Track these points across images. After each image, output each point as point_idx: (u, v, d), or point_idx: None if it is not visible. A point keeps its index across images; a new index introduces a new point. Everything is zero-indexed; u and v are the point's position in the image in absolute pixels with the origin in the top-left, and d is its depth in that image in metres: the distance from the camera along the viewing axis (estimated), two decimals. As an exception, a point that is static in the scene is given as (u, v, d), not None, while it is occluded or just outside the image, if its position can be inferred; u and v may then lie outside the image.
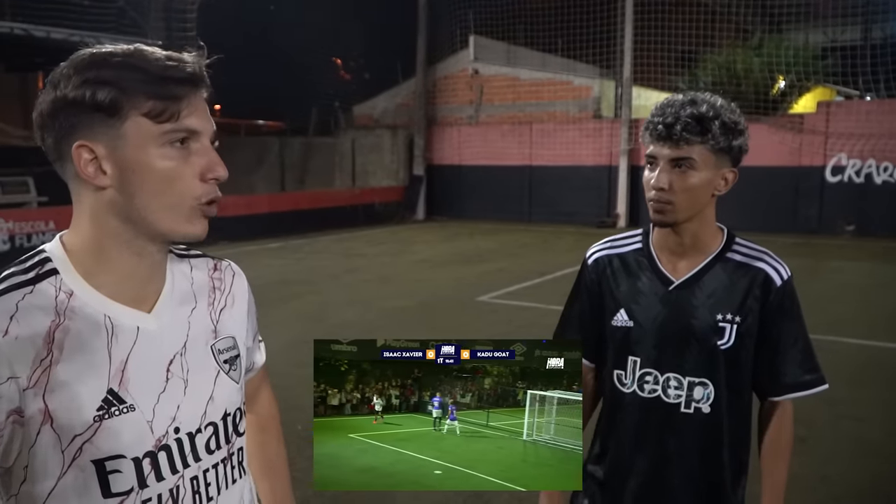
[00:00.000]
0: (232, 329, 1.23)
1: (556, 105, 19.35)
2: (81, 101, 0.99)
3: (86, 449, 1.00)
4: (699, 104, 1.62)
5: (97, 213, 1.04)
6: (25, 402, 0.97)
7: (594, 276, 1.83)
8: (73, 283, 1.04)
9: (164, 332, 1.10)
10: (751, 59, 17.22)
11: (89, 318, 1.03)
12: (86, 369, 1.01)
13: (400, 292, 9.72)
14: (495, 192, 19.44)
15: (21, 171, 15.25)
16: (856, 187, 15.51)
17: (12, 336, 0.96)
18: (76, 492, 1.00)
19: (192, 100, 1.03)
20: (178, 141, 1.02)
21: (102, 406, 1.01)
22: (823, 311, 8.47)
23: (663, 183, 1.62)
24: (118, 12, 15.52)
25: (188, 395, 1.10)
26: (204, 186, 1.05)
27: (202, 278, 1.22)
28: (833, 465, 4.36)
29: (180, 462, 1.08)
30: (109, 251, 1.06)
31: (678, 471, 1.73)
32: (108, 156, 1.01)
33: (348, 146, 20.98)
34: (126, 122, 1.00)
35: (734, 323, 1.68)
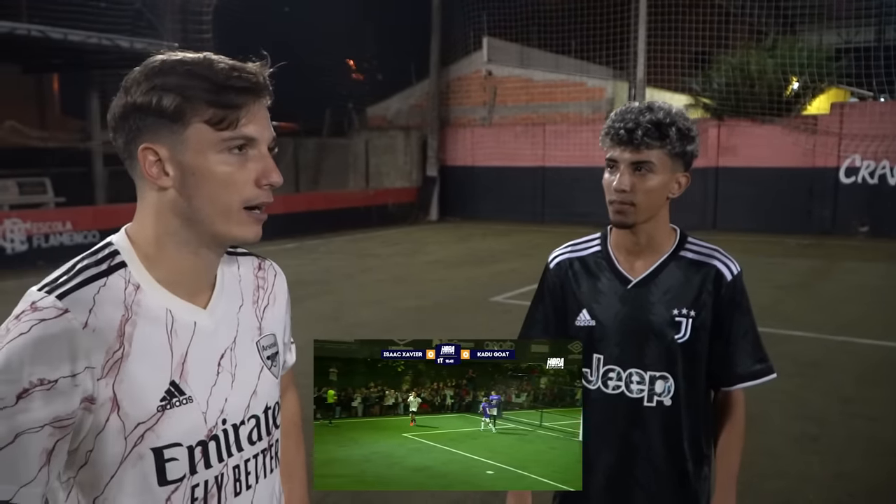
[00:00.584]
0: (273, 327, 1.29)
1: (569, 106, 19.37)
2: (148, 107, 1.05)
3: (147, 436, 1.06)
4: (656, 111, 1.70)
5: (159, 212, 1.10)
6: (98, 391, 1.02)
7: (556, 280, 1.93)
8: (139, 276, 1.10)
9: (217, 327, 1.17)
10: (765, 60, 17.16)
11: (153, 311, 1.09)
12: (151, 362, 1.07)
13: (414, 292, 9.80)
14: (508, 193, 19.48)
15: (38, 172, 15.43)
16: (870, 188, 15.46)
17: (91, 329, 1.02)
18: (134, 479, 1.06)
19: (251, 108, 1.08)
20: (236, 147, 1.07)
21: (165, 397, 1.07)
22: (837, 311, 8.48)
23: (625, 185, 1.71)
24: (135, 14, 15.69)
25: (235, 388, 1.16)
26: (257, 191, 1.10)
27: (248, 277, 1.28)
28: (847, 462, 4.40)
29: (226, 451, 1.14)
30: (169, 247, 1.11)
31: (643, 462, 1.81)
32: (171, 158, 1.07)
33: (362, 147, 21.08)
34: (188, 128, 1.05)
35: (689, 317, 1.77)
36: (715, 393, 1.89)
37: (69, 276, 1.06)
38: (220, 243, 1.14)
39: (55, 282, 1.05)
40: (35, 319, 1.00)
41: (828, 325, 7.62)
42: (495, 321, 8.14)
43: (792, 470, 4.28)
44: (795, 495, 3.99)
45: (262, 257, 1.36)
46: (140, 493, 1.07)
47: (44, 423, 0.98)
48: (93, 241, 13.02)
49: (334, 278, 10.94)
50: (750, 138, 16.43)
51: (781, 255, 12.67)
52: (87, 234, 12.96)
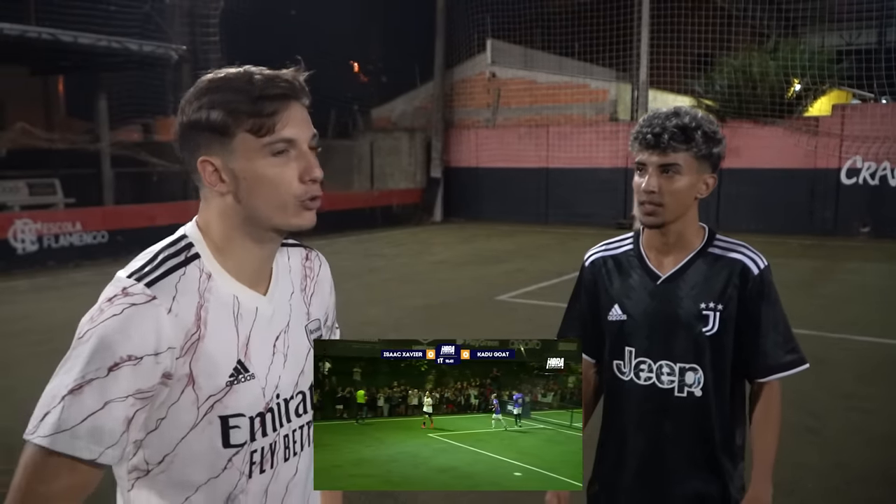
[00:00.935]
0: (318, 313, 1.43)
1: (572, 108, 19.47)
2: (199, 123, 1.19)
3: (216, 407, 1.21)
4: (682, 116, 1.80)
5: (224, 213, 1.25)
6: (175, 368, 1.17)
7: (591, 277, 2.04)
8: (211, 266, 1.24)
9: (273, 313, 1.31)
10: (767, 62, 17.25)
11: (222, 297, 1.23)
12: (222, 343, 1.22)
13: (420, 292, 9.92)
14: (512, 195, 19.58)
15: (48, 173, 15.58)
16: (871, 189, 15.54)
17: (174, 314, 1.16)
18: (202, 441, 1.21)
19: (286, 112, 1.20)
20: (278, 151, 1.20)
21: (233, 374, 1.22)
22: (839, 311, 8.60)
23: (653, 186, 1.80)
24: (143, 17, 15.83)
25: (286, 367, 1.31)
26: (303, 186, 1.23)
27: (297, 266, 1.42)
28: (845, 453, 4.53)
29: (279, 422, 1.29)
30: (235, 241, 1.26)
31: (675, 450, 1.89)
32: (224, 167, 1.20)
33: (367, 149, 21.20)
34: (234, 139, 1.19)
35: (716, 310, 1.85)
36: (751, 385, 1.96)
37: (154, 266, 1.20)
38: (279, 233, 1.27)
39: (142, 270, 1.20)
40: (127, 303, 1.14)
41: (829, 323, 7.75)
42: (501, 320, 8.27)
43: (792, 460, 4.41)
44: (795, 484, 4.12)
45: (310, 248, 1.49)
46: (207, 453, 1.22)
47: (128, 395, 1.12)
48: (102, 241, 13.22)
49: (341, 278, 10.89)
50: (752, 140, 16.51)
51: (783, 256, 12.76)
52: (97, 235, 13.09)
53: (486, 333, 7.78)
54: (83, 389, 1.10)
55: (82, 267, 12.22)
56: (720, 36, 17.72)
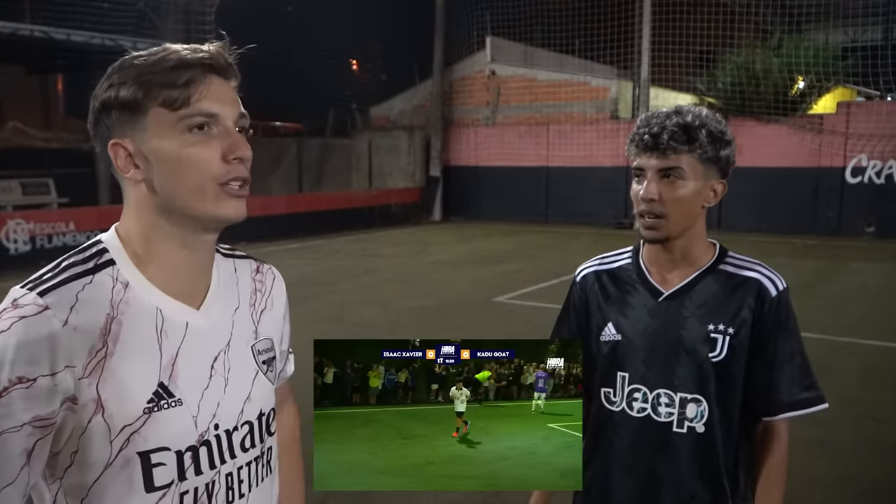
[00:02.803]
0: (270, 331, 1.25)
1: (573, 106, 19.33)
2: (109, 103, 1.05)
3: (133, 440, 1.02)
4: (684, 114, 1.58)
5: (139, 207, 1.08)
6: (80, 391, 0.99)
7: (581, 293, 1.80)
8: (129, 273, 1.07)
9: (211, 329, 1.13)
10: (770, 59, 17.09)
11: (142, 310, 1.06)
12: (138, 362, 1.04)
13: (418, 292, 9.76)
14: (512, 194, 19.45)
15: (42, 173, 15.45)
16: (876, 188, 15.38)
17: (71, 326, 0.99)
18: (120, 483, 1.03)
19: (205, 84, 1.05)
20: (196, 126, 1.04)
21: (153, 399, 1.04)
22: (843, 312, 8.42)
23: (652, 193, 1.57)
24: (138, 15, 15.68)
25: (228, 392, 1.13)
26: (226, 167, 1.06)
27: (245, 279, 1.24)
28: (854, 464, 4.35)
29: (218, 458, 1.11)
30: (156, 243, 1.09)
31: (671, 495, 1.63)
32: (137, 150, 1.05)
33: (365, 147, 21.06)
34: (147, 115, 1.04)
35: (727, 334, 1.60)
36: (755, 424, 1.69)
37: (53, 274, 1.04)
38: (203, 228, 1.10)
39: (39, 279, 1.03)
40: (15, 317, 0.98)
41: (834, 325, 7.56)
42: (499, 321, 8.10)
43: (798, 472, 4.22)
44: (802, 498, 3.93)
45: (261, 260, 1.32)
46: (126, 499, 1.04)
47: (23, 423, 0.96)
48: (96, 241, 13.05)
49: (338, 278, 10.90)
50: (755, 138, 16.36)
51: (787, 256, 12.59)
52: (90, 235, 12.90)
53: (484, 335, 7.60)
54: None
55: (75, 267, 12.06)
56: (723, 32, 17.55)
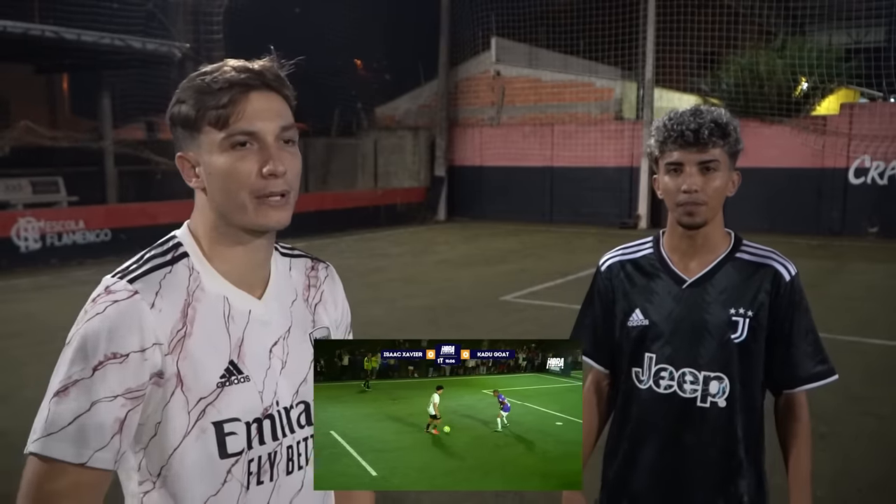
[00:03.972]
0: (325, 321, 1.38)
1: (577, 106, 19.39)
2: (174, 119, 1.19)
3: (208, 411, 1.16)
4: (712, 112, 1.76)
5: (202, 210, 1.23)
6: (165, 367, 1.13)
7: (607, 283, 1.92)
8: (200, 265, 1.22)
9: (270, 317, 1.27)
10: (774, 60, 17.12)
11: (212, 298, 1.20)
12: (211, 342, 1.18)
13: (424, 291, 9.86)
14: (517, 194, 19.51)
15: (51, 172, 15.57)
16: (879, 189, 15.42)
17: (157, 309, 1.13)
18: (198, 451, 1.16)
19: (244, 103, 1.14)
20: (238, 144, 1.15)
21: (224, 374, 1.18)
22: (847, 311, 8.50)
23: (696, 185, 1.71)
24: (147, 15, 15.79)
25: (284, 374, 1.26)
26: (262, 182, 1.15)
27: (299, 276, 1.38)
28: (855, 459, 4.44)
29: (280, 431, 1.24)
30: (216, 241, 1.23)
31: (694, 465, 1.78)
32: (196, 162, 1.19)
33: (371, 147, 21.14)
34: (201, 133, 1.16)
35: (746, 317, 1.76)
36: (776, 397, 1.87)
37: (138, 265, 1.19)
38: (251, 232, 1.22)
39: (127, 269, 1.18)
40: (109, 301, 1.12)
41: (837, 325, 7.64)
42: (505, 320, 8.19)
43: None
44: (804, 492, 4.03)
45: (317, 259, 1.45)
46: (204, 465, 1.17)
47: (116, 394, 1.09)
48: (105, 239, 13.19)
49: (344, 278, 10.72)
50: (759, 139, 16.38)
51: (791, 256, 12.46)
52: (100, 233, 13.07)
53: (490, 334, 7.73)
54: (68, 391, 1.08)
55: (85, 265, 12.17)
56: (727, 34, 17.59)
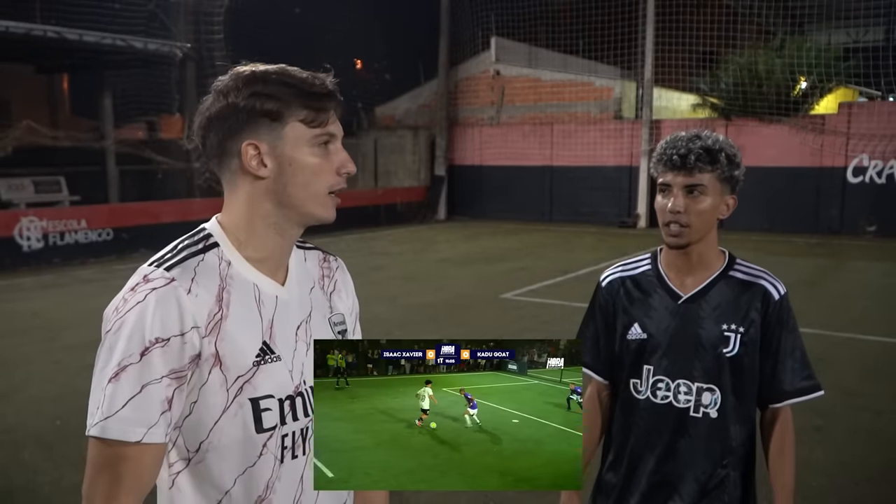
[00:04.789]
0: (340, 308, 1.47)
1: (577, 106, 19.45)
2: (252, 109, 1.24)
3: (245, 388, 1.24)
4: (705, 139, 1.84)
5: (253, 199, 1.29)
6: (203, 348, 1.21)
7: (608, 298, 2.03)
8: (230, 254, 1.29)
9: (293, 302, 1.35)
10: (772, 59, 17.18)
11: (243, 283, 1.28)
12: (246, 324, 1.26)
13: (424, 290, 9.92)
14: (516, 193, 19.57)
15: (53, 171, 15.63)
16: (877, 188, 15.49)
17: (194, 294, 1.21)
18: (236, 426, 1.24)
19: (332, 111, 1.29)
20: (323, 143, 1.28)
21: (259, 354, 1.26)
22: (845, 309, 8.57)
23: (680, 207, 1.82)
24: (148, 16, 15.84)
25: (308, 356, 1.34)
26: (337, 178, 1.30)
27: (314, 266, 1.46)
28: (850, 452, 4.51)
29: (309, 408, 1.33)
30: (258, 229, 1.30)
31: (686, 470, 1.89)
32: (270, 152, 1.26)
33: (371, 146, 21.21)
34: (286, 126, 1.25)
35: (738, 332, 1.86)
36: (762, 412, 1.97)
37: (173, 254, 1.26)
38: (305, 223, 1.32)
39: (162, 258, 1.26)
40: (149, 289, 1.19)
41: (834, 322, 7.72)
42: (505, 318, 8.26)
43: (797, 458, 4.39)
44: (800, 482, 4.09)
45: (328, 252, 1.54)
46: (241, 439, 1.25)
47: (162, 375, 1.18)
48: (107, 238, 13.24)
49: None
50: (757, 138, 16.47)
51: (789, 255, 12.73)
52: (102, 232, 13.11)
53: (491, 331, 7.78)
54: (120, 376, 1.16)
55: (88, 264, 12.22)
56: (725, 33, 17.66)
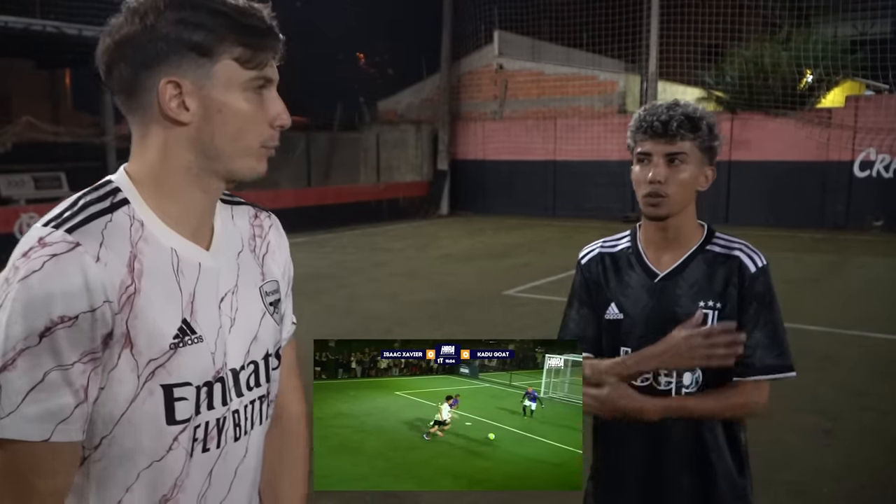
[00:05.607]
0: (274, 274, 1.27)
1: (580, 100, 19.30)
2: (177, 39, 1.03)
3: (158, 373, 1.04)
4: (684, 106, 1.77)
5: (170, 147, 1.08)
6: (115, 326, 1.00)
7: (588, 275, 1.95)
8: (143, 213, 1.07)
9: (220, 270, 1.15)
10: (778, 52, 17.02)
11: (159, 249, 1.07)
12: (162, 299, 1.05)
13: (427, 286, 9.83)
14: (519, 188, 19.45)
15: (53, 167, 15.57)
16: (885, 182, 15.32)
17: (103, 262, 0.99)
18: (144, 417, 1.05)
19: (272, 52, 1.10)
20: (258, 87, 1.09)
21: (178, 335, 1.06)
22: (852, 306, 8.45)
23: (661, 176, 1.75)
24: (148, 10, 15.74)
25: (233, 333, 1.15)
26: (271, 131, 1.12)
27: (244, 224, 1.26)
28: (860, 455, 4.40)
29: (229, 395, 1.14)
30: (176, 183, 1.09)
31: (676, 455, 1.81)
32: (195, 93, 1.05)
33: (373, 141, 21.09)
34: (217, 64, 1.05)
35: (715, 309, 1.78)
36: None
37: (73, 212, 1.03)
38: (231, 178, 1.14)
39: (60, 217, 1.02)
40: (47, 255, 0.97)
41: (842, 319, 7.60)
42: (508, 315, 8.16)
43: (805, 462, 4.29)
44: (808, 487, 3.99)
45: (260, 207, 1.34)
46: (149, 433, 1.06)
47: (74, 361, 0.97)
48: (107, 235, 13.16)
49: (346, 272, 10.98)
50: (763, 132, 16.33)
51: (795, 250, 12.60)
52: (102, 229, 13.03)
53: (494, 328, 7.70)
54: (16, 363, 0.95)
55: (87, 261, 12.15)
56: (731, 26, 17.49)
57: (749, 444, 1.90)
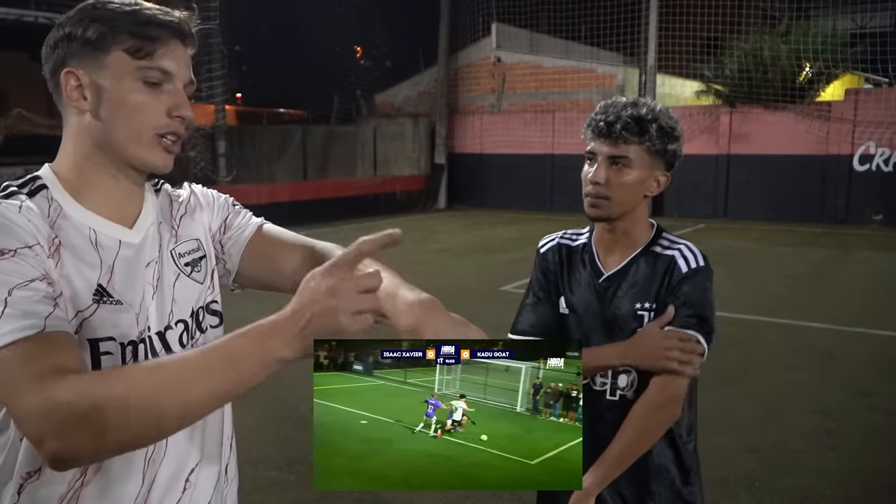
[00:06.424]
0: (193, 232, 1.34)
1: (579, 93, 19.20)
2: (75, 36, 1.14)
3: (85, 326, 1.11)
4: (640, 107, 1.72)
5: (78, 135, 1.18)
6: (48, 269, 1.06)
7: (544, 264, 1.95)
8: (61, 198, 1.16)
9: (142, 244, 1.23)
10: (778, 46, 16.94)
11: (77, 226, 1.15)
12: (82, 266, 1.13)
13: (423, 281, 9.61)
14: (517, 181, 19.37)
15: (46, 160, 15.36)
16: (884, 176, 15.27)
17: (26, 218, 1.08)
18: None
19: (169, 45, 1.16)
20: (152, 79, 1.15)
21: (95, 297, 1.13)
22: (853, 302, 8.36)
23: (600, 178, 1.74)
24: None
25: (155, 298, 1.22)
26: (168, 121, 1.17)
27: (164, 200, 1.34)
28: (864, 457, 4.31)
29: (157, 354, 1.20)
30: (88, 170, 1.18)
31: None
32: (90, 84, 1.15)
33: (370, 134, 20.99)
34: (108, 55, 1.14)
35: (651, 311, 1.77)
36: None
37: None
38: (132, 167, 1.20)
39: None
40: None
41: (843, 315, 7.51)
42: (505, 310, 8.05)
43: (808, 465, 4.20)
44: (811, 491, 3.90)
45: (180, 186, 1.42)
46: None
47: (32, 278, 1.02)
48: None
49: None
50: (762, 125, 16.25)
51: (794, 245, 12.52)
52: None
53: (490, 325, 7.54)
54: None
55: (80, 255, 12.07)
56: (730, 19, 17.39)
57: (748, 448, 1.82)
